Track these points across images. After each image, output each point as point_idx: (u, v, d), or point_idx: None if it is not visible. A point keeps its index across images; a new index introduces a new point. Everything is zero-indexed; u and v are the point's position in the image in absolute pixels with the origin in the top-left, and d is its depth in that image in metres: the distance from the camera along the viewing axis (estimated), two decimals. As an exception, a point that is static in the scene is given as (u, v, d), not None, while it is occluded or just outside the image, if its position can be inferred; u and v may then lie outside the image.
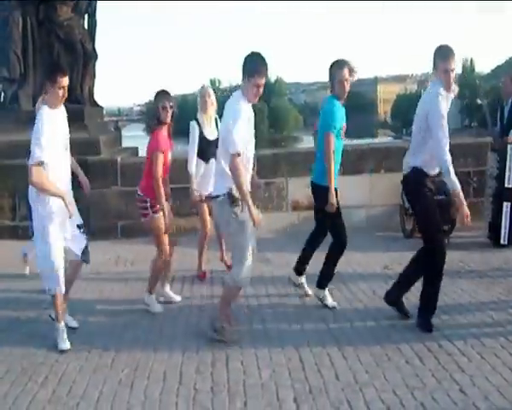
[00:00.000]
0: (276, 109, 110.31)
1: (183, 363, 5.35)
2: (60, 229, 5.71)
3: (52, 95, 5.63)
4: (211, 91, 7.90)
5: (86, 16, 13.13)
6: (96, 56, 13.01)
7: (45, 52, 12.18)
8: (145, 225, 6.70)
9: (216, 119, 7.77)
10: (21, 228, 10.25)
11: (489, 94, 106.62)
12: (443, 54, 5.89)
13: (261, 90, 5.65)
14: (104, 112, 14.76)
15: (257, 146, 6.08)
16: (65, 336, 5.71)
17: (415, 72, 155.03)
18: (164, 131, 6.56)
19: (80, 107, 12.31)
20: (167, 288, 7.05)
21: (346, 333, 5.95)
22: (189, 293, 7.36)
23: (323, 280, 6.78)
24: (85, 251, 5.98)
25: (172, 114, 6.54)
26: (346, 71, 6.48)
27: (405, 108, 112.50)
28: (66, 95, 5.70)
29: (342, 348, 5.56)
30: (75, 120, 11.61)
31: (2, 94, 12.22)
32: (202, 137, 7.63)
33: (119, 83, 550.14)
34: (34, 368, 5.31)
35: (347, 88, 6.53)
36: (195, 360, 5.41)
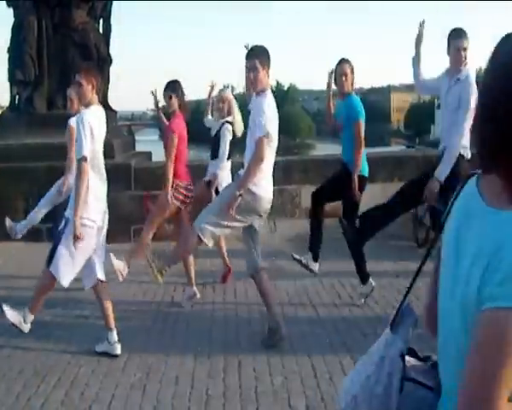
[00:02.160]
0: (288, 116, 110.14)
1: (195, 368, 5.36)
2: None
3: None
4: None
5: (101, 20, 13.19)
6: (110, 61, 13.05)
7: (60, 56, 12.25)
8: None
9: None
10: (34, 230, 10.31)
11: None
12: (455, 34, 6.24)
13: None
14: (118, 116, 14.79)
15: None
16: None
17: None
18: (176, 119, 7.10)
19: (94, 111, 12.36)
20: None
21: (358, 342, 5.93)
22: (200, 299, 7.37)
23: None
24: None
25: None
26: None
27: (419, 117, 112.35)
28: None
29: (354, 356, 5.54)
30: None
31: (17, 97, 12.28)
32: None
33: (133, 88, 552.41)
34: (47, 370, 5.33)
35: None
36: (208, 364, 5.42)
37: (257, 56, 5.66)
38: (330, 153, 12.85)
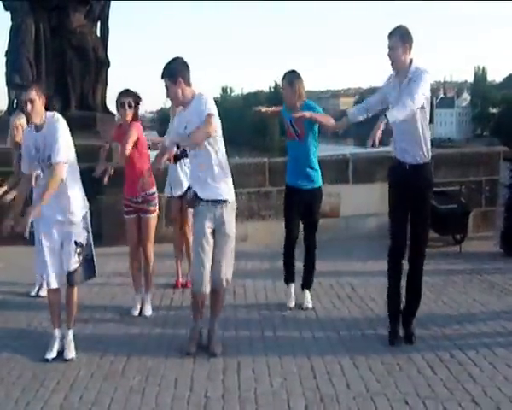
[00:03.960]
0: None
1: (194, 370, 5.35)
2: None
3: None
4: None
5: (98, 23, 13.18)
6: (108, 63, 13.05)
7: (58, 59, 12.25)
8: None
9: None
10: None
11: (500, 103, 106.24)
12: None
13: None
14: (116, 119, 14.77)
15: (269, 154, 6.10)
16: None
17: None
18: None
19: (92, 113, 12.37)
20: None
21: (357, 342, 5.94)
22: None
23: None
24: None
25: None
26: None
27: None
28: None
29: (353, 356, 5.55)
30: (87, 126, 11.73)
31: (15, 101, 12.26)
32: None
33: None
34: (45, 374, 5.32)
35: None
36: (207, 367, 5.41)
37: (165, 75, 5.59)
38: (331, 153, 12.86)
